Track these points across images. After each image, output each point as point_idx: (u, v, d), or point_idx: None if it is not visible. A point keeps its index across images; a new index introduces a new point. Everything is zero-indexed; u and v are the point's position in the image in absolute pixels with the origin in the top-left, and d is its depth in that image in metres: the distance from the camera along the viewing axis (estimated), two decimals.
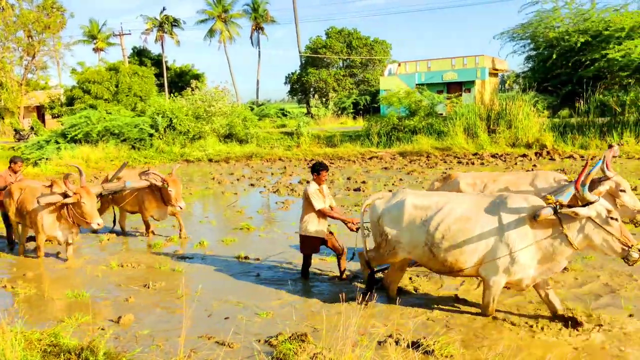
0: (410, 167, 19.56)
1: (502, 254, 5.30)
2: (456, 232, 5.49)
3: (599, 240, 5.06)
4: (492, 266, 5.39)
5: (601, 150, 20.06)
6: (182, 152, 26.05)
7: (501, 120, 22.90)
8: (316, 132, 28.50)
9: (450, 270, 5.66)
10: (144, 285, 7.34)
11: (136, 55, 55.50)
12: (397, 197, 6.13)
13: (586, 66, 24.71)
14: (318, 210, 7.13)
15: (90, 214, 8.15)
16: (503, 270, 5.34)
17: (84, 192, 8.16)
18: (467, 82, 35.36)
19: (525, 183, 7.10)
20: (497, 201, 5.53)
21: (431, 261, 5.73)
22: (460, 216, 5.54)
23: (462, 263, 5.50)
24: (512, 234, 5.28)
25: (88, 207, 8.14)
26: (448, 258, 5.54)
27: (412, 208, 5.84)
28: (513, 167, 18.13)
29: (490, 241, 5.37)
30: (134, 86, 36.14)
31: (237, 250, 8.92)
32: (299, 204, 13.15)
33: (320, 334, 4.92)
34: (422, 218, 5.73)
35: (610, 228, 5.00)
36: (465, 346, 5.05)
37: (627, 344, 4.96)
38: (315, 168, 7.25)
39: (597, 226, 5.03)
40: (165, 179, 9.61)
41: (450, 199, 5.83)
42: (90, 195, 8.21)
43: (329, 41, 48.18)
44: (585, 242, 5.15)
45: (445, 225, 5.54)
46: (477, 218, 5.48)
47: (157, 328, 5.86)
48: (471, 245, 5.43)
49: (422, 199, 5.92)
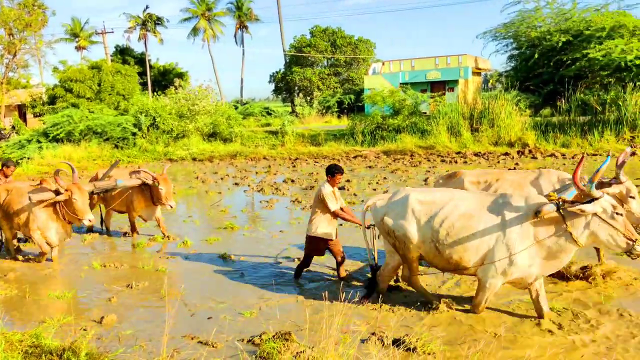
0: (394, 165, 19.66)
1: (501, 255, 5.28)
2: (460, 229, 5.46)
3: (604, 236, 5.03)
4: (489, 268, 5.37)
5: (582, 149, 20.33)
6: (165, 151, 25.90)
7: (484, 119, 23.13)
8: (301, 131, 28.50)
9: (455, 268, 5.64)
10: (127, 286, 7.31)
11: (119, 53, 55.00)
12: (399, 194, 6.08)
13: (567, 65, 25.03)
14: (332, 212, 7.06)
15: (81, 210, 8.08)
16: (501, 272, 5.32)
17: (76, 188, 8.09)
18: (451, 81, 35.57)
19: (529, 182, 7.13)
20: (499, 199, 5.51)
21: (437, 258, 5.71)
22: (463, 213, 5.51)
23: (466, 261, 5.47)
24: (514, 233, 5.25)
25: (80, 204, 8.05)
26: (453, 255, 5.52)
27: (417, 203, 5.81)
28: (496, 165, 18.29)
29: (491, 240, 5.35)
30: (117, 85, 35.81)
31: (220, 250, 8.91)
32: (284, 203, 13.22)
33: (304, 333, 4.94)
34: (426, 213, 5.70)
35: (616, 223, 4.97)
36: (447, 343, 5.10)
37: (607, 344, 5.06)
38: (331, 170, 7.13)
39: (603, 222, 5.00)
40: (156, 178, 9.56)
41: (454, 195, 5.79)
42: (81, 192, 8.14)
43: (313, 40, 48.16)
44: (591, 239, 5.12)
45: (449, 222, 5.52)
46: (480, 216, 5.45)
47: (140, 328, 5.84)
48: (474, 243, 5.40)
49: (426, 195, 5.90)
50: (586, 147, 20.50)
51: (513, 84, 27.02)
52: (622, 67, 22.93)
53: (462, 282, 6.85)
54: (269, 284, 7.16)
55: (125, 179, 9.66)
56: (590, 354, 4.81)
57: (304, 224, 10.61)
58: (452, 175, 7.89)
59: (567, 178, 6.92)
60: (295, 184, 16.25)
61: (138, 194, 9.88)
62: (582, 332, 5.24)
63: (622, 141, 20.55)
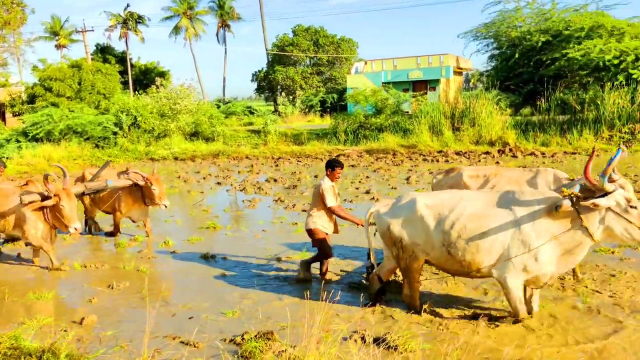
0: (376, 164, 19.75)
1: (519, 252, 5.13)
2: (472, 230, 5.28)
3: (619, 230, 4.96)
4: (506, 266, 5.20)
5: (561, 148, 20.62)
6: (147, 151, 25.74)
7: (465, 118, 23.35)
8: (283, 130, 28.49)
9: (468, 270, 5.44)
10: (108, 286, 7.26)
11: (100, 52, 54.46)
12: (405, 199, 5.87)
13: (547, 65, 25.32)
14: (329, 207, 6.96)
15: (69, 217, 7.74)
16: (521, 269, 5.15)
17: (64, 194, 7.76)
18: (432, 81, 35.80)
19: (526, 180, 7.15)
20: (511, 196, 5.37)
21: (449, 262, 5.50)
22: (474, 213, 5.35)
23: (480, 262, 5.30)
24: (531, 229, 5.11)
25: (67, 210, 7.72)
26: (466, 257, 5.33)
27: (425, 207, 5.60)
28: (476, 164, 18.44)
29: (507, 238, 5.19)
30: (98, 84, 35.45)
31: (202, 250, 8.89)
32: (266, 202, 13.21)
33: (286, 332, 4.95)
34: (436, 217, 5.51)
35: (631, 217, 4.91)
36: (427, 341, 5.15)
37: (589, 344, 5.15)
38: (331, 164, 7.05)
39: (617, 216, 4.94)
40: (148, 178, 9.43)
41: (462, 196, 5.63)
42: (70, 198, 7.80)
43: (295, 39, 48.15)
44: (605, 233, 5.06)
45: (460, 223, 5.34)
46: (493, 214, 5.30)
47: (121, 329, 5.81)
48: (488, 242, 5.24)
49: (433, 198, 5.71)
50: (565, 146, 20.80)
51: (494, 84, 27.28)
52: (601, 67, 23.23)
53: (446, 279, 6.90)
54: (251, 283, 7.16)
55: (116, 180, 9.50)
56: (569, 352, 4.89)
57: (287, 224, 10.67)
58: (450, 171, 7.91)
59: (564, 177, 6.91)
60: (277, 183, 16.25)
61: (127, 195, 9.71)
62: (562, 332, 5.31)
63: (601, 140, 20.88)
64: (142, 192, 9.61)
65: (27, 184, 8.22)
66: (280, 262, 8.14)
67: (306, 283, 7.07)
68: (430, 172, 16.88)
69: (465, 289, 6.56)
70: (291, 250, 8.71)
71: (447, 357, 4.43)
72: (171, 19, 55.26)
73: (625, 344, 4.92)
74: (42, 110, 28.85)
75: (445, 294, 6.46)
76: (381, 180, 15.91)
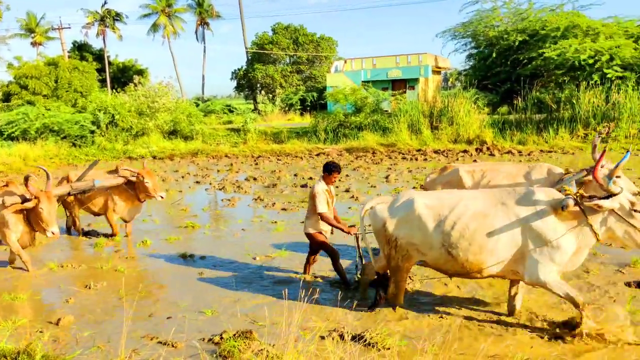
0: (356, 163, 19.83)
1: (537, 248, 5.04)
2: (475, 230, 5.16)
3: (620, 233, 4.95)
4: (535, 267, 5.06)
5: (538, 146, 20.91)
6: (124, 149, 25.52)
7: (443, 117, 23.57)
8: (263, 128, 28.43)
9: (469, 271, 5.33)
10: (85, 286, 7.19)
11: (77, 49, 53.73)
12: (403, 197, 5.72)
13: (524, 64, 25.64)
14: (319, 213, 6.72)
15: (47, 220, 7.51)
16: (550, 263, 5.03)
17: (44, 196, 7.52)
18: (411, 80, 35.97)
19: (521, 174, 7.20)
20: (512, 195, 5.28)
21: (449, 263, 5.38)
22: (477, 212, 5.23)
23: (483, 262, 5.19)
24: (542, 225, 5.02)
25: (46, 213, 7.49)
26: (469, 258, 5.21)
27: (424, 207, 5.46)
28: (455, 163, 18.61)
29: (517, 237, 5.09)
30: (75, 82, 35.01)
31: (181, 249, 8.85)
32: (246, 201, 13.19)
33: (264, 331, 4.96)
34: (435, 218, 5.37)
35: (634, 221, 4.87)
36: (405, 338, 5.20)
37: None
38: (328, 167, 6.77)
39: (619, 219, 4.90)
40: (139, 173, 9.37)
41: (462, 195, 5.51)
42: (50, 201, 7.57)
43: (275, 37, 48.01)
44: (607, 234, 5.02)
45: (462, 223, 5.21)
46: (496, 213, 5.19)
47: (98, 329, 5.77)
48: (493, 242, 5.12)
49: (432, 198, 5.57)
50: (542, 145, 21.10)
51: (472, 83, 27.57)
52: (576, 66, 23.61)
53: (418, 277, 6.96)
54: (230, 282, 7.15)
55: (104, 179, 9.30)
56: (541, 348, 4.98)
57: (266, 222, 10.67)
58: (445, 169, 7.92)
59: (559, 172, 6.97)
60: (257, 182, 16.22)
61: (119, 194, 9.58)
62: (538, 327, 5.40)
63: (576, 138, 21.23)
64: (135, 188, 9.51)
65: (7, 184, 8.02)
66: (259, 261, 8.14)
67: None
68: (409, 171, 17.00)
69: (442, 287, 6.63)
70: (270, 249, 8.71)
71: (425, 354, 4.47)
72: (149, 16, 54.68)
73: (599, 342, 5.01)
74: (17, 109, 28.50)
75: (425, 291, 6.52)
76: (361, 178, 15.98)
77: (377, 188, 14.00)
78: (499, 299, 6.13)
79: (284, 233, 9.78)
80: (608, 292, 6.21)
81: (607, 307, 5.35)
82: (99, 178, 9.28)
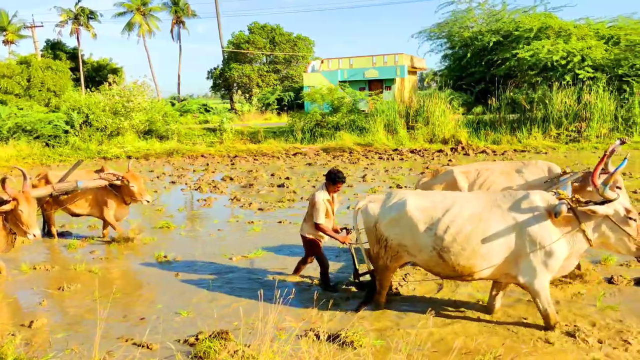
0: (333, 162, 19.89)
1: (532, 252, 4.99)
2: (469, 234, 5.08)
3: (614, 240, 4.90)
4: (529, 269, 5.02)
5: (511, 145, 21.22)
6: (99, 149, 25.24)
7: (419, 117, 23.80)
8: (240, 128, 28.33)
9: (461, 274, 5.26)
10: (59, 288, 7.10)
11: (50, 48, 52.92)
12: (395, 197, 5.63)
13: (498, 65, 25.96)
14: (316, 223, 6.54)
15: (27, 222, 7.20)
16: (544, 268, 4.99)
17: (23, 198, 7.21)
18: (388, 80, 36.16)
19: (514, 172, 7.20)
20: (510, 198, 5.20)
21: (439, 266, 5.32)
22: (471, 216, 5.14)
23: (476, 266, 5.13)
24: (537, 230, 4.96)
25: (26, 215, 7.18)
26: (461, 262, 5.13)
27: (415, 209, 5.37)
28: (430, 162, 18.79)
29: (511, 241, 5.03)
30: (48, 81, 34.50)
31: (156, 250, 8.77)
32: (222, 201, 13.14)
33: (240, 331, 4.96)
34: (427, 221, 5.29)
35: (628, 228, 4.82)
36: (379, 337, 5.25)
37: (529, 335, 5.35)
38: (332, 177, 6.54)
39: (614, 225, 4.85)
40: (123, 176, 9.17)
41: (456, 198, 5.40)
42: (29, 202, 7.27)
43: (251, 37, 47.86)
44: (600, 240, 4.97)
45: (456, 227, 5.12)
46: (490, 217, 5.11)
47: (71, 331, 5.71)
48: (486, 246, 5.05)
49: (425, 200, 5.46)
50: (515, 144, 21.42)
51: (447, 83, 27.85)
52: (549, 67, 23.99)
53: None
54: (206, 283, 7.13)
55: (87, 180, 9.02)
56: (514, 344, 5.07)
57: (243, 222, 10.65)
58: (437, 172, 7.81)
59: (554, 169, 6.96)
60: (234, 182, 16.17)
61: (109, 195, 9.37)
62: (510, 325, 5.50)
63: (549, 138, 21.60)
64: (120, 191, 9.34)
65: None
66: (235, 262, 8.12)
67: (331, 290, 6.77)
68: (385, 170, 17.10)
69: (418, 286, 6.69)
70: (247, 249, 8.69)
71: (399, 352, 4.52)
72: (124, 15, 53.98)
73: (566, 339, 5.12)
74: None
75: (402, 290, 6.57)
76: None
77: (354, 187, 14.06)
78: (474, 297, 6.22)
79: (261, 233, 9.78)
80: (579, 291, 6.33)
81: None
82: (81, 179, 9.04)
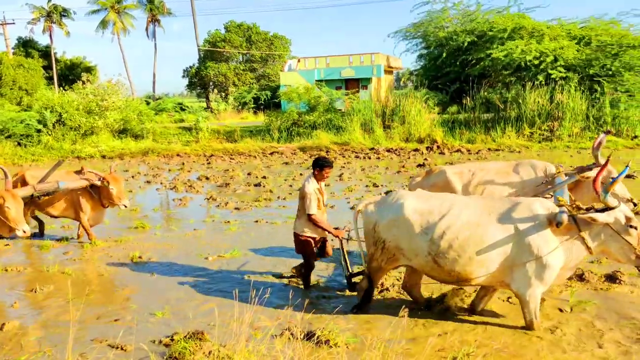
0: (310, 161, 19.89)
1: (528, 262, 4.92)
2: (465, 240, 5.01)
3: (614, 249, 4.84)
4: (524, 278, 4.97)
5: (486, 144, 21.47)
6: (72, 149, 24.92)
7: (395, 116, 23.99)
8: (216, 127, 28.19)
9: (456, 280, 5.21)
10: (31, 290, 7.00)
11: (22, 46, 52.02)
12: (393, 199, 5.56)
13: (472, 65, 26.21)
14: (309, 214, 6.37)
15: (16, 219, 7.16)
16: (539, 280, 4.93)
17: (9, 195, 7.20)
18: (364, 79, 36.32)
19: (510, 171, 7.16)
20: (508, 205, 5.14)
21: (434, 271, 5.25)
22: (468, 222, 5.06)
23: (472, 273, 5.06)
24: (536, 239, 4.89)
25: (13, 213, 7.14)
26: (456, 268, 5.06)
27: (413, 212, 5.31)
28: (406, 161, 18.91)
29: (508, 249, 4.97)
30: (19, 79, 33.95)
31: (131, 250, 8.70)
32: (198, 200, 13.07)
33: (216, 331, 4.95)
34: (423, 225, 5.22)
35: (629, 237, 4.75)
36: (355, 335, 5.29)
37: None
38: (319, 163, 6.44)
39: (614, 234, 4.78)
40: (104, 177, 8.95)
41: (454, 202, 5.30)
42: (15, 199, 7.23)
43: (228, 35, 47.63)
44: (599, 248, 4.92)
45: (452, 232, 5.05)
46: (488, 223, 5.03)
47: (44, 334, 5.64)
48: (483, 254, 4.98)
49: (423, 203, 5.37)
50: (490, 143, 21.71)
51: (422, 83, 28.04)
52: (522, 67, 24.30)
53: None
54: (181, 283, 7.10)
55: (69, 181, 8.83)
56: (485, 342, 5.15)
57: (219, 222, 10.61)
58: (430, 172, 7.67)
59: (549, 168, 6.94)
60: (210, 181, 16.09)
61: (87, 197, 9.16)
62: (483, 323, 5.58)
63: (522, 137, 21.93)
64: (98, 193, 9.12)
65: None
66: (211, 262, 8.09)
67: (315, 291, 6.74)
68: (362, 169, 17.17)
69: (395, 283, 6.75)
70: (223, 249, 8.67)
71: (373, 349, 4.56)
72: (98, 12, 53.26)
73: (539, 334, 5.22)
74: None
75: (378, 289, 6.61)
76: None
77: (331, 186, 14.11)
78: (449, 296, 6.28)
79: (237, 233, 9.76)
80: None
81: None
82: (62, 179, 8.84)
